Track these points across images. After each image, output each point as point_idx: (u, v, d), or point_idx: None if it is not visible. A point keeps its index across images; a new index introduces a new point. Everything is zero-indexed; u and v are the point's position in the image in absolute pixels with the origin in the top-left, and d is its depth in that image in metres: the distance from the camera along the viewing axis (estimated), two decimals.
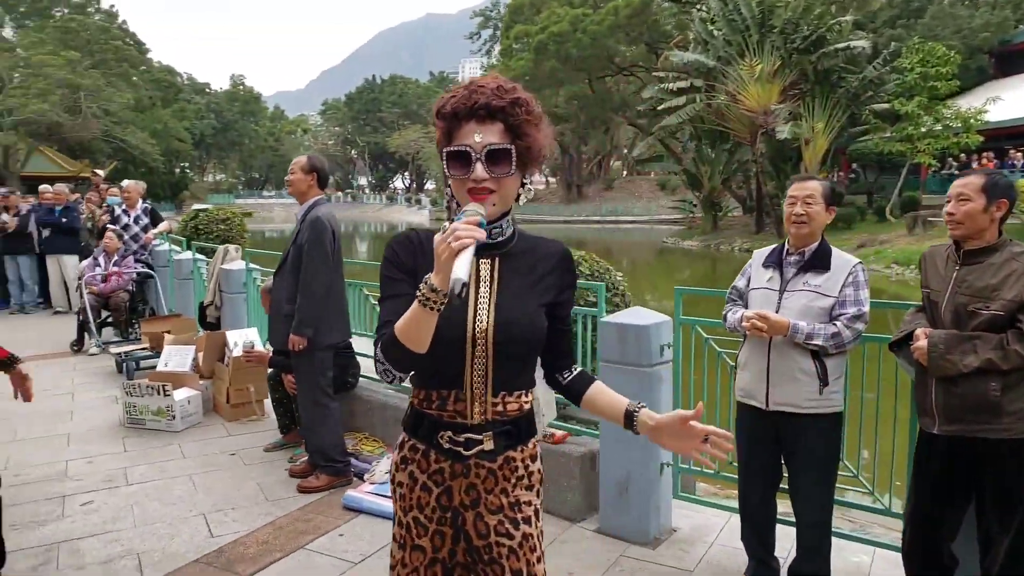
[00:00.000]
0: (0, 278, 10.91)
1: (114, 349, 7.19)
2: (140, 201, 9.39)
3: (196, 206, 11.58)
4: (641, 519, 3.69)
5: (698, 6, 33.75)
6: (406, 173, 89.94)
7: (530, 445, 1.83)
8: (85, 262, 8.90)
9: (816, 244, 2.98)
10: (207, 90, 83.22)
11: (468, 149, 1.63)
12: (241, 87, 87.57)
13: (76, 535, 3.81)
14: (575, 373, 1.93)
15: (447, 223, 1.58)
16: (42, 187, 11.11)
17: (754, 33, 26.86)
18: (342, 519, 4.02)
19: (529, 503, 1.82)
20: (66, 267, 10.41)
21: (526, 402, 1.80)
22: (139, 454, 4.98)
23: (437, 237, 1.51)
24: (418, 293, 1.52)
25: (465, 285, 1.41)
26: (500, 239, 1.77)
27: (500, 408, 1.74)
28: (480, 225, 1.51)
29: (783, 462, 3.11)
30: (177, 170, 66.08)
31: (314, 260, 4.24)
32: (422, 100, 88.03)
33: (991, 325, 2.56)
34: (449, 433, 1.74)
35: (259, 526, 3.92)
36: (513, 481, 1.79)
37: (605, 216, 51.46)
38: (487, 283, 1.75)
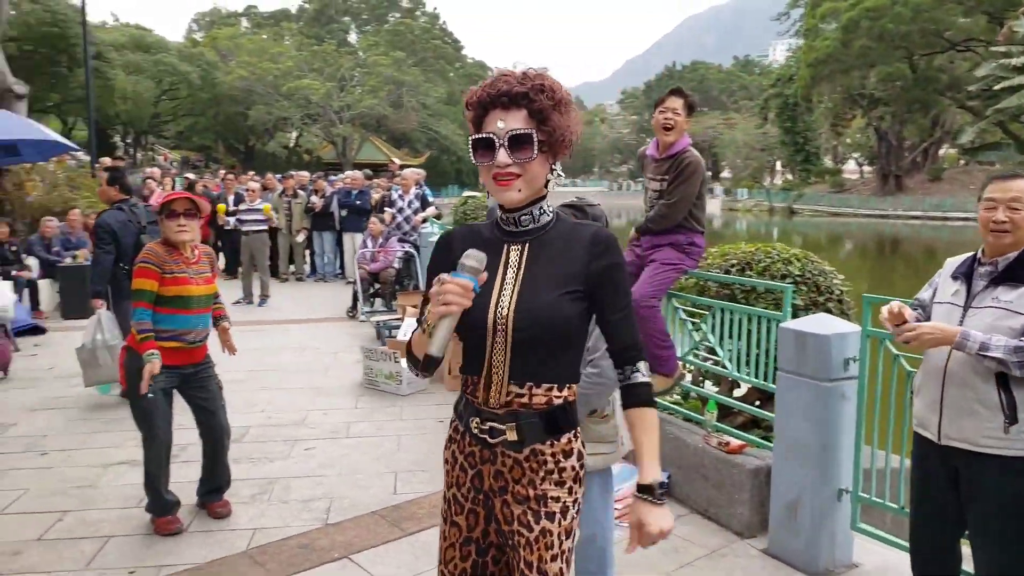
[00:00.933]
0: (310, 251, 12.80)
1: (374, 318, 8.12)
2: (414, 187, 10.38)
3: (466, 193, 12.48)
4: (811, 546, 3.34)
5: None
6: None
7: (563, 440, 1.78)
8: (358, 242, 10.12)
9: (1016, 255, 2.44)
10: None
11: (491, 136, 1.66)
12: None
13: (292, 474, 4.42)
14: (631, 381, 1.77)
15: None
16: (349, 172, 12.80)
17: None
18: None
19: (557, 499, 1.78)
20: (356, 243, 11.90)
21: (559, 397, 1.75)
22: (365, 412, 5.60)
23: (434, 288, 1.60)
24: (422, 319, 1.66)
25: (437, 360, 1.60)
26: (531, 226, 1.77)
27: (525, 400, 1.73)
28: (474, 286, 1.59)
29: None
30: None
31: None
32: (723, 85, 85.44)
33: None
34: (477, 419, 1.77)
35: (437, 491, 4.21)
36: (541, 475, 1.77)
37: (928, 211, 45.55)
38: (514, 269, 1.75)
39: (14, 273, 8.65)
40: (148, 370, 3.44)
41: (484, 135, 1.67)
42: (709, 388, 4.69)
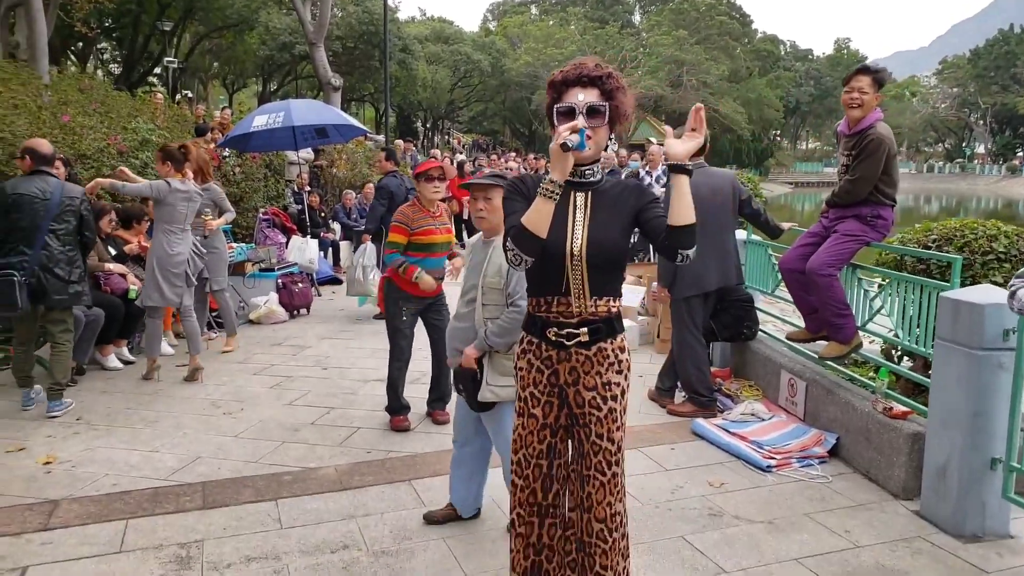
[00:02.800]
0: None
1: None
2: (662, 164, 10.84)
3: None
4: (958, 511, 3.43)
5: None
6: None
7: (618, 339, 2.39)
8: None
9: None
10: (809, 56, 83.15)
11: (573, 106, 2.25)
12: (845, 51, 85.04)
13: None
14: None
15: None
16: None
17: None
18: (682, 439, 4.66)
19: (617, 384, 2.39)
20: None
21: (614, 306, 2.36)
22: None
23: (552, 144, 2.14)
24: (540, 189, 2.16)
25: (571, 144, 2.10)
26: (592, 179, 2.36)
27: (593, 309, 2.33)
28: (581, 133, 2.13)
29: None
30: (767, 139, 68.32)
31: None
32: None
33: None
34: (555, 329, 2.36)
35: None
36: (605, 366, 2.37)
37: None
38: (582, 211, 2.33)
39: (321, 234, 10.73)
40: (426, 282, 4.52)
41: (568, 105, 2.26)
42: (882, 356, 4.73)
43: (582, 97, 2.25)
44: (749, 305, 5.48)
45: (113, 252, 6.36)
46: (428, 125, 53.34)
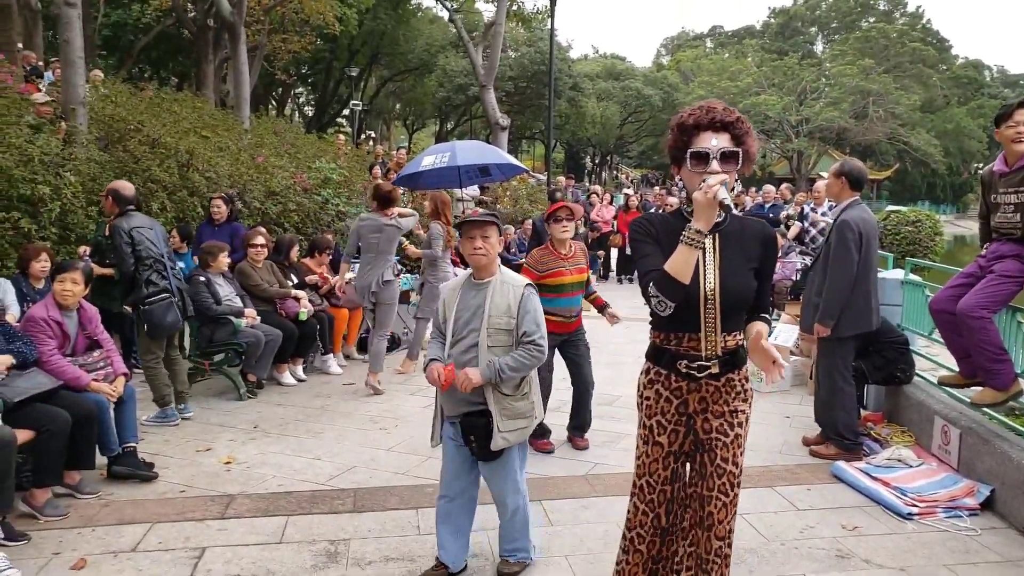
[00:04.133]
0: None
1: None
2: (827, 201, 10.45)
3: (889, 207, 11.92)
4: None
5: None
6: None
7: (744, 370, 2.53)
8: None
9: None
10: (1020, 83, 75.82)
11: (708, 151, 2.36)
12: None
13: (628, 433, 5.38)
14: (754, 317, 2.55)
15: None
16: (766, 187, 13.28)
17: None
18: (821, 480, 4.55)
19: (744, 411, 2.55)
20: None
21: (740, 339, 2.50)
22: None
23: (696, 194, 2.27)
24: (684, 237, 2.29)
25: (728, 201, 2.26)
26: (719, 220, 2.44)
27: (723, 344, 2.46)
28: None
29: None
30: (968, 172, 62.83)
31: (839, 259, 4.71)
32: None
33: None
34: (685, 362, 2.49)
35: (756, 464, 4.74)
36: (733, 395, 2.52)
37: None
38: (711, 252, 2.45)
39: None
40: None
41: (703, 149, 2.36)
42: None
43: (715, 142, 2.35)
44: (904, 347, 5.26)
45: (295, 280, 7.12)
46: (596, 160, 53.94)
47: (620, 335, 8.81)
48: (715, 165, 2.33)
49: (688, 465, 2.64)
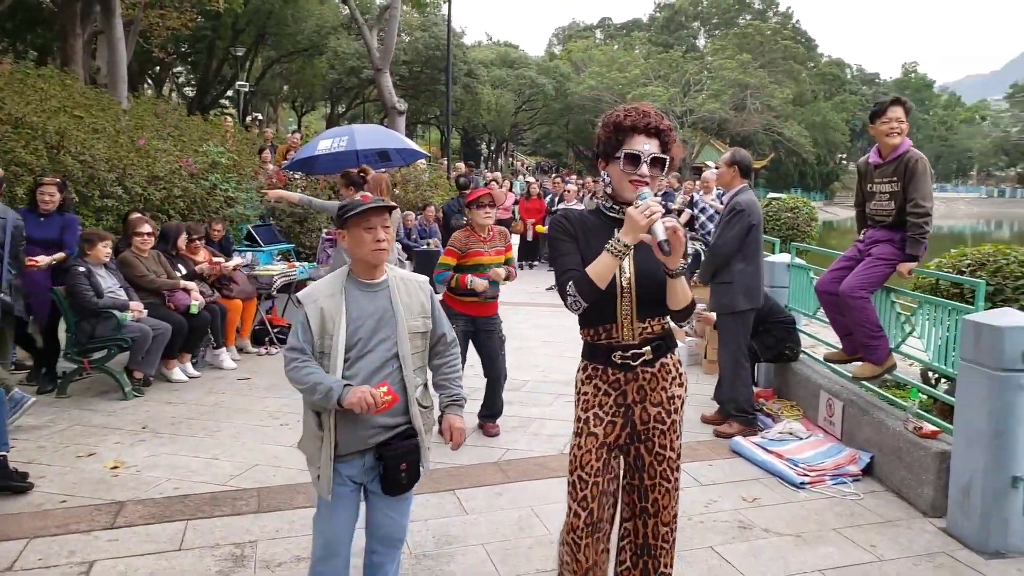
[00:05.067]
0: None
1: None
2: (715, 187, 10.89)
3: (771, 195, 12.54)
4: (982, 527, 3.49)
5: None
6: None
7: (675, 355, 2.60)
8: None
9: None
10: (876, 80, 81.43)
11: (639, 153, 2.41)
12: (912, 75, 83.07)
13: (547, 417, 5.51)
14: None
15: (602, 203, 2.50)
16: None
17: None
18: (721, 456, 4.77)
19: (680, 397, 2.60)
20: None
21: (665, 323, 2.55)
22: None
23: (631, 210, 2.28)
24: (610, 247, 2.31)
25: (665, 241, 2.24)
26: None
27: (650, 330, 2.50)
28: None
29: None
30: (833, 162, 67.02)
31: (728, 232, 5.05)
32: None
33: None
34: (619, 352, 2.51)
35: None
36: (669, 380, 2.57)
37: None
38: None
39: None
40: (480, 284, 4.81)
41: (635, 151, 2.40)
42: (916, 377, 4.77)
43: (648, 147, 2.41)
44: (792, 327, 5.57)
45: (183, 270, 6.77)
46: (492, 147, 54.10)
47: (525, 320, 8.92)
48: (645, 169, 2.39)
49: (621, 459, 2.65)
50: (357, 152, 8.70)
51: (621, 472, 2.67)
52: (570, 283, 2.39)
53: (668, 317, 2.55)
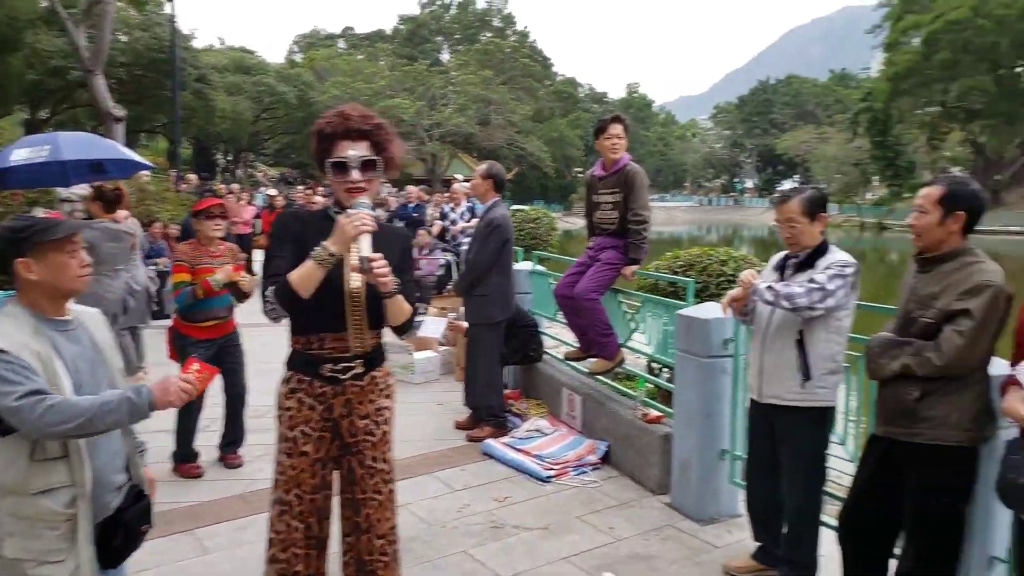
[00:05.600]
0: None
1: None
2: (464, 200, 11.21)
3: (515, 206, 13.18)
4: (699, 498, 3.93)
5: None
6: (795, 176, 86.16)
7: (385, 368, 2.55)
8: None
9: (805, 253, 3.04)
10: (605, 99, 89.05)
11: (346, 160, 2.32)
12: (635, 95, 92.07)
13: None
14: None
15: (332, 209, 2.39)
16: (409, 188, 13.81)
17: None
18: (473, 460, 4.89)
19: (388, 408, 2.55)
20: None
21: (380, 336, 2.51)
22: None
23: (342, 218, 2.24)
24: (315, 254, 2.22)
25: (366, 259, 2.16)
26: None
27: (362, 342, 2.44)
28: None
29: None
30: (570, 175, 72.15)
31: (484, 248, 5.18)
32: (819, 99, 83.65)
33: (924, 332, 2.47)
34: (330, 365, 2.43)
35: (413, 455, 4.94)
36: (376, 392, 2.51)
37: None
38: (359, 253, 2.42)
39: None
40: (224, 273, 4.46)
41: (340, 158, 2.31)
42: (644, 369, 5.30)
43: (353, 152, 2.30)
44: (535, 329, 5.88)
45: None
46: (230, 157, 51.16)
47: (269, 342, 8.35)
48: (355, 175, 2.30)
49: (336, 473, 2.58)
50: (64, 163, 7.72)
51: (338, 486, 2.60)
52: (270, 289, 2.30)
53: (380, 330, 2.51)
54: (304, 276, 2.24)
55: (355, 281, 2.34)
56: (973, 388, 2.45)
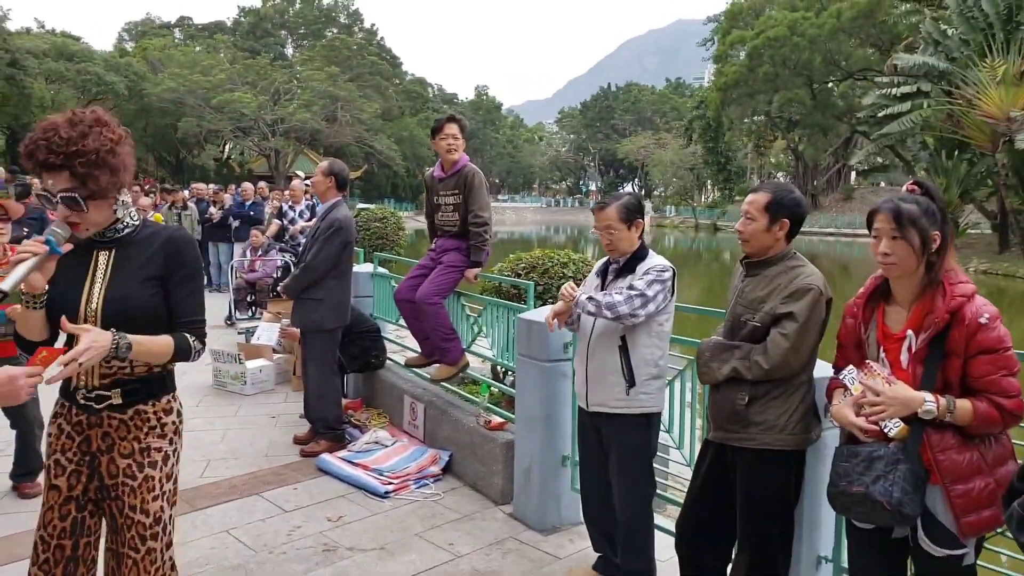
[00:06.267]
0: (205, 263, 12.95)
1: (240, 325, 8.41)
2: (304, 199, 10.71)
3: (360, 205, 12.82)
4: (540, 506, 3.85)
5: (930, 4, 30.45)
6: (635, 180, 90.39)
7: (163, 401, 2.21)
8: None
9: (625, 258, 3.06)
10: (455, 100, 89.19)
11: (47, 193, 2.00)
12: (484, 97, 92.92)
13: None
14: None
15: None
16: (245, 184, 13.05)
17: (998, 31, 23.81)
18: (307, 476, 4.58)
19: (159, 449, 2.19)
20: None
21: (159, 366, 2.17)
22: (204, 410, 5.92)
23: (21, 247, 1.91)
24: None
25: (4, 294, 1.83)
26: (117, 236, 2.15)
27: (128, 369, 2.12)
28: (48, 243, 1.92)
29: None
30: (420, 175, 71.70)
31: (323, 250, 4.87)
32: (656, 106, 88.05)
33: (752, 336, 2.49)
34: (83, 391, 2.12)
35: (240, 474, 4.58)
36: (145, 430, 2.17)
37: (841, 228, 47.81)
38: (102, 271, 2.13)
39: None
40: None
41: (43, 193, 2.01)
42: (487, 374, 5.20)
43: (52, 184, 1.99)
44: (377, 335, 5.63)
45: None
46: None
47: None
48: (62, 209, 2.00)
49: (103, 519, 2.25)
50: None
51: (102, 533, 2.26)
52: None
53: None
54: (21, 323, 2.08)
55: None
56: (799, 391, 2.50)
